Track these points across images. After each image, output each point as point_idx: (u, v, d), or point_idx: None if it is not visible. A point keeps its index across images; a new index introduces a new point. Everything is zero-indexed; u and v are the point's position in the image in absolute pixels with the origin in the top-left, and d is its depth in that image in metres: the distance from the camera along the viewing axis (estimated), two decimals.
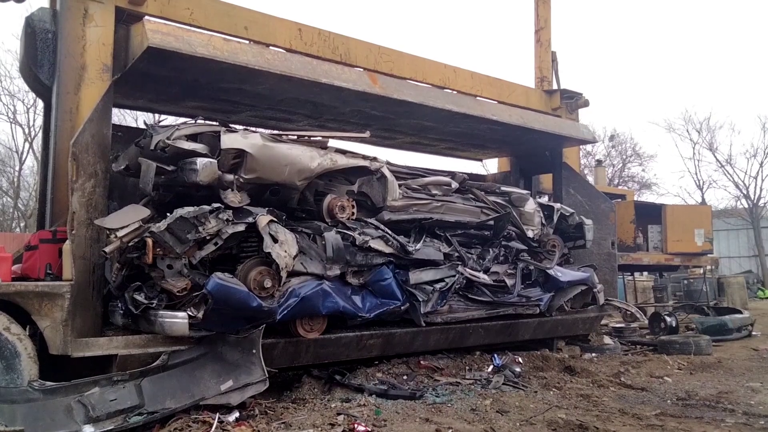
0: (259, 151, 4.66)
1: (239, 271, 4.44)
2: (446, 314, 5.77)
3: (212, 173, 4.43)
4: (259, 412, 4.26)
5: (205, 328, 4.24)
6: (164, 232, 4.10)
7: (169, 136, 4.45)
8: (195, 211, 4.21)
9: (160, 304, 4.20)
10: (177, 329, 4.13)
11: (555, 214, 7.33)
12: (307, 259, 4.84)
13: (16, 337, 3.84)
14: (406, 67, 6.62)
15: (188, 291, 4.21)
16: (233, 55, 4.76)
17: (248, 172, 4.64)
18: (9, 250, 4.40)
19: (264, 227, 4.46)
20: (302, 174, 4.98)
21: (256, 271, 4.44)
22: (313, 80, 5.22)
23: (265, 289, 4.43)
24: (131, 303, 4.23)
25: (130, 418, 3.84)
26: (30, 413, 3.63)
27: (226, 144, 4.53)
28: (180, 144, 4.47)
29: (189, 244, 4.20)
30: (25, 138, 20.73)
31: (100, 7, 4.71)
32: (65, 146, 4.41)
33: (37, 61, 4.74)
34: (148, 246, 4.11)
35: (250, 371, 4.30)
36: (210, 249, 4.33)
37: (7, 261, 4.12)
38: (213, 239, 4.31)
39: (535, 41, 9.06)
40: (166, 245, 4.13)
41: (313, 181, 5.16)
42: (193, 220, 4.18)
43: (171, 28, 4.67)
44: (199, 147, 4.55)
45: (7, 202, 22.67)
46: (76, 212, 4.19)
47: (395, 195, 5.70)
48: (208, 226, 4.24)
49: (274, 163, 4.76)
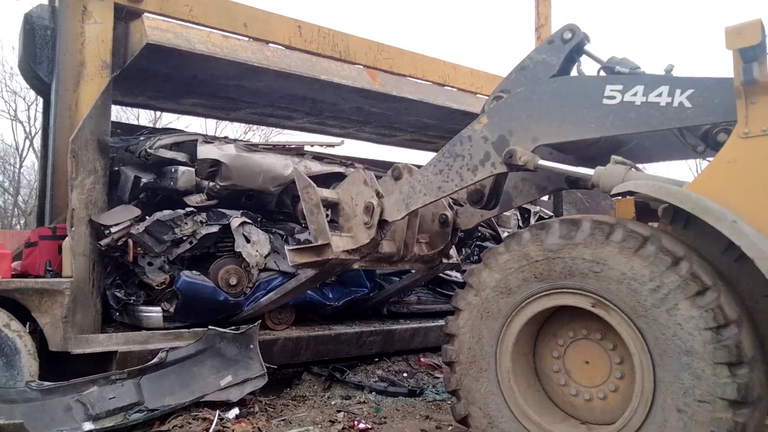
0: (232, 160, 5.05)
1: (211, 269, 4.82)
2: (414, 305, 6.04)
3: (190, 180, 4.87)
4: (259, 409, 4.27)
5: (178, 320, 4.57)
6: (143, 234, 4.47)
7: (152, 146, 4.82)
8: (171, 215, 4.65)
9: (138, 301, 4.54)
10: (153, 322, 4.50)
11: (533, 217, 7.45)
12: (280, 257, 5.10)
13: (16, 333, 3.84)
14: (405, 64, 6.60)
15: (167, 285, 4.56)
16: (232, 52, 4.76)
17: (223, 180, 5.06)
18: (9, 247, 4.41)
19: (237, 228, 4.90)
20: (276, 181, 5.32)
21: (224, 270, 4.83)
22: (313, 77, 5.23)
23: (232, 286, 4.78)
24: (112, 299, 4.53)
25: (129, 416, 3.85)
26: (29, 413, 3.62)
27: (202, 154, 4.94)
28: (161, 153, 4.86)
29: (167, 244, 4.59)
30: (26, 135, 20.73)
31: (99, 4, 4.69)
32: (64, 143, 4.40)
33: (36, 58, 4.75)
34: (129, 245, 4.46)
35: (248, 366, 4.32)
36: (185, 248, 4.72)
37: (7, 258, 4.12)
38: (188, 239, 4.71)
39: (536, 38, 9.04)
40: (145, 245, 4.50)
41: (289, 185, 5.43)
42: (169, 222, 4.62)
43: (170, 24, 4.66)
44: (179, 155, 4.94)
45: (7, 200, 22.68)
46: (75, 209, 4.19)
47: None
48: (184, 228, 4.68)
49: (247, 171, 5.15)
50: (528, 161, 3.20)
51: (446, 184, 3.45)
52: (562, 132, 3.16)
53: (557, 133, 3.18)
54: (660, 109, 2.93)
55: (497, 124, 3.33)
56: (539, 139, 3.23)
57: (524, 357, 3.15)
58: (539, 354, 3.17)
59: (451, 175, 3.45)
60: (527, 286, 2.99)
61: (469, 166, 3.38)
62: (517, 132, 3.26)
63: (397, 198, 3.71)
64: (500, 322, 3.08)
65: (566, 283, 2.85)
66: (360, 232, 3.92)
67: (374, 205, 3.77)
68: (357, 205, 3.97)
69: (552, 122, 3.18)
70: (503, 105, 3.38)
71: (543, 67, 3.46)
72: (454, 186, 3.43)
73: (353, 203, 4.01)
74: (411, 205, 3.64)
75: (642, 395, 2.60)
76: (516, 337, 3.06)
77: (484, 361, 3.14)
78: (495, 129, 3.33)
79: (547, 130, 3.20)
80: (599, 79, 3.20)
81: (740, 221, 2.47)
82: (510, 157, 3.21)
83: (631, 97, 2.99)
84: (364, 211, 3.88)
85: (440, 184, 3.48)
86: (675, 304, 2.51)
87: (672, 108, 2.89)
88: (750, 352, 2.43)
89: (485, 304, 3.15)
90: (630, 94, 2.99)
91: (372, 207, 3.80)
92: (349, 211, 4.04)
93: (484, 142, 3.35)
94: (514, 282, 3.04)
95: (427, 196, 3.55)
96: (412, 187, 3.63)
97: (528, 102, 3.27)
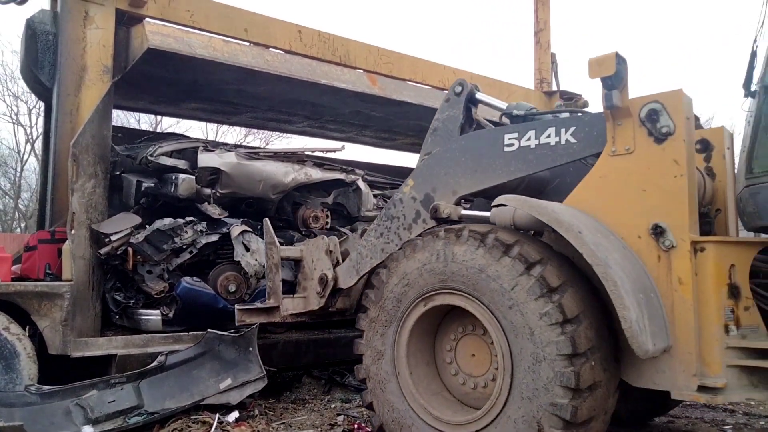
0: (233, 168, 5.10)
1: (210, 276, 4.86)
2: None
3: (190, 188, 4.90)
4: (258, 413, 4.27)
5: (176, 325, 4.59)
6: (143, 243, 4.49)
7: (152, 153, 4.85)
8: (171, 224, 4.66)
9: (137, 304, 4.57)
10: (152, 325, 4.54)
11: None
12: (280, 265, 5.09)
13: (15, 337, 3.85)
14: (405, 68, 6.63)
15: (165, 293, 4.59)
16: (233, 57, 4.78)
17: (224, 187, 5.12)
18: (9, 251, 4.42)
19: (236, 237, 4.92)
20: (276, 188, 5.37)
21: (224, 277, 4.89)
22: (313, 81, 5.26)
23: (231, 293, 4.85)
24: (111, 302, 4.55)
25: (129, 419, 3.85)
26: (28, 416, 3.63)
27: (202, 162, 4.99)
28: (162, 160, 4.90)
29: (166, 252, 4.62)
30: (27, 139, 20.79)
31: (100, 9, 4.72)
32: (65, 147, 4.42)
33: (37, 63, 4.76)
34: (129, 254, 4.47)
35: (248, 369, 4.32)
36: (186, 257, 4.76)
37: (6, 261, 4.13)
38: (188, 248, 4.74)
39: (535, 43, 9.07)
40: (145, 254, 4.53)
41: (290, 192, 5.50)
42: (169, 231, 4.64)
43: (171, 29, 4.69)
44: (180, 163, 4.99)
45: (8, 203, 22.72)
46: (75, 213, 4.21)
47: (369, 206, 5.99)
48: (183, 237, 4.71)
49: (248, 179, 5.20)
50: (451, 213, 3.51)
51: (388, 245, 3.74)
52: (476, 182, 3.54)
53: (472, 184, 3.56)
54: (551, 148, 3.30)
55: (422, 184, 3.74)
56: (458, 191, 3.60)
57: (421, 351, 3.42)
58: (438, 348, 3.49)
59: (390, 236, 3.76)
60: (424, 286, 3.29)
61: (404, 226, 3.72)
62: (439, 188, 3.66)
63: (348, 266, 3.98)
64: (398, 318, 3.38)
65: (449, 285, 3.18)
66: (313, 297, 4.11)
67: (328, 279, 3.99)
68: (315, 269, 4.12)
69: (466, 175, 3.58)
70: (424, 166, 3.80)
71: (450, 121, 3.83)
72: (395, 246, 3.69)
73: (312, 266, 4.16)
74: (360, 270, 3.89)
75: (502, 387, 2.91)
76: (409, 333, 3.35)
77: (392, 321, 3.43)
78: (420, 189, 3.73)
79: (463, 183, 3.59)
80: (498, 131, 3.58)
81: (585, 232, 2.77)
82: (435, 212, 3.53)
83: (526, 141, 3.39)
84: (318, 281, 4.05)
85: (383, 246, 3.77)
86: (526, 302, 2.82)
87: (561, 146, 3.28)
88: (587, 344, 2.74)
89: (387, 302, 3.46)
90: (525, 139, 3.40)
91: (326, 279, 3.99)
92: (308, 272, 4.19)
93: (413, 202, 3.74)
94: (412, 279, 3.36)
95: (373, 259, 3.80)
96: (359, 253, 3.90)
97: (443, 160, 3.69)
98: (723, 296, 2.84)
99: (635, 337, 2.59)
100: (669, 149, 2.88)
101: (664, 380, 2.84)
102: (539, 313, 2.77)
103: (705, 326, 2.81)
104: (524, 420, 2.78)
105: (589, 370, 2.73)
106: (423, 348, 3.42)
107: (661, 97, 2.95)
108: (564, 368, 2.68)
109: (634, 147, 2.98)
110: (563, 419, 2.67)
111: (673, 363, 2.82)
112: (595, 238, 2.80)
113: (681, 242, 2.82)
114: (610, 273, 2.65)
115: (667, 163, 2.89)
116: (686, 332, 2.79)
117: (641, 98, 3.01)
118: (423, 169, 3.79)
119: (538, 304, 2.78)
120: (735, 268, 2.90)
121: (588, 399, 2.74)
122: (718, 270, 2.84)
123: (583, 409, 2.71)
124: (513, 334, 2.87)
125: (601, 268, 2.67)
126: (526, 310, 2.82)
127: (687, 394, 2.78)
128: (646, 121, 2.95)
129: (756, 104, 3.15)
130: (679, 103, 2.91)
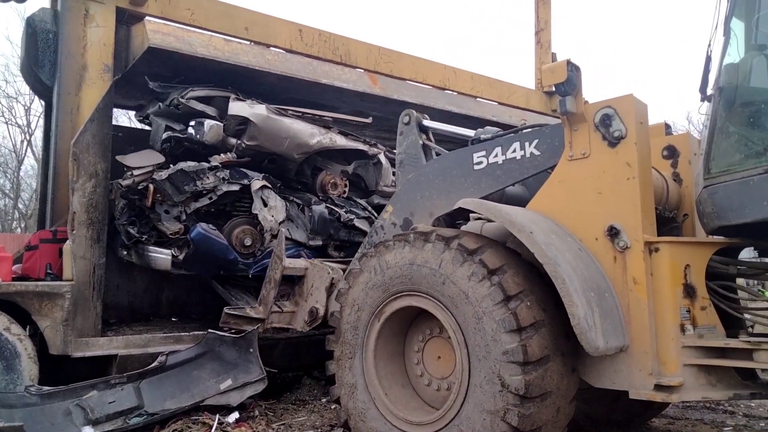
0: (262, 121, 4.98)
1: (226, 227, 4.82)
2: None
3: (217, 135, 4.83)
4: (258, 413, 4.26)
5: (184, 268, 4.63)
6: (165, 181, 4.48)
7: (183, 95, 4.77)
8: (195, 166, 4.61)
9: (149, 240, 4.57)
10: (160, 264, 4.57)
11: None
12: (294, 226, 5.13)
13: (16, 337, 3.84)
14: (406, 68, 6.62)
15: (180, 235, 4.59)
16: (234, 56, 4.77)
17: (250, 139, 5.00)
18: (9, 251, 4.40)
19: (256, 191, 4.87)
20: (301, 148, 5.28)
21: (240, 229, 4.86)
22: (314, 81, 5.26)
23: (246, 247, 4.80)
24: (124, 234, 4.55)
25: (129, 420, 3.84)
26: (29, 417, 3.62)
27: (232, 111, 4.88)
28: (192, 104, 4.82)
29: (186, 194, 4.59)
30: (23, 139, 20.75)
31: (101, 8, 4.71)
32: (66, 146, 4.41)
33: (38, 62, 4.75)
34: (149, 191, 4.47)
35: (248, 370, 4.31)
36: (204, 202, 4.72)
37: (7, 261, 4.12)
38: (208, 194, 4.70)
39: (536, 42, 9.06)
40: (165, 193, 4.51)
41: (312, 156, 5.44)
42: (192, 174, 4.60)
43: (172, 28, 4.68)
44: (209, 109, 4.91)
45: (7, 203, 22.70)
46: (76, 212, 4.20)
47: (388, 181, 5.91)
48: (205, 182, 4.66)
49: (275, 134, 5.09)
50: None
51: None
52: (450, 202, 3.58)
53: (447, 204, 3.63)
54: (518, 162, 3.41)
55: (400, 210, 3.88)
56: (435, 213, 3.70)
57: (393, 374, 3.41)
58: (407, 350, 3.49)
59: None
60: (372, 303, 3.34)
61: None
62: (417, 211, 3.78)
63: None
64: (368, 313, 3.37)
65: (393, 291, 3.24)
66: (300, 319, 4.18)
67: (318, 314, 4.08)
68: (311, 295, 4.15)
69: (441, 196, 3.69)
70: (401, 191, 3.93)
71: (411, 148, 3.96)
72: None
73: (309, 291, 4.19)
74: None
75: (460, 387, 2.93)
76: (374, 355, 3.36)
77: (355, 351, 3.45)
78: (399, 214, 3.88)
79: (438, 204, 3.69)
80: (466, 151, 3.67)
81: (537, 232, 2.83)
82: None
83: (494, 158, 3.51)
84: (308, 312, 4.12)
85: None
86: (486, 310, 2.83)
87: (526, 159, 3.39)
88: (541, 352, 2.75)
89: (347, 334, 3.48)
90: (492, 156, 3.52)
91: (315, 314, 4.07)
92: (305, 291, 4.22)
93: (394, 227, 3.87)
94: (361, 301, 3.43)
95: None
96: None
97: (418, 184, 3.81)
98: (678, 296, 2.88)
99: (584, 334, 2.61)
100: (622, 152, 2.97)
101: (621, 379, 2.87)
102: (496, 320, 2.77)
103: (661, 326, 2.84)
104: (487, 380, 2.80)
105: (538, 379, 2.72)
106: (395, 370, 3.41)
107: (614, 103, 3.03)
108: (516, 376, 2.69)
109: (590, 151, 3.07)
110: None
111: (630, 362, 2.85)
112: (548, 238, 2.84)
113: (635, 243, 2.87)
114: (558, 270, 2.69)
115: (620, 166, 2.96)
116: (642, 332, 2.83)
117: (595, 104, 3.10)
118: (400, 195, 3.91)
119: (497, 313, 2.78)
120: (690, 269, 2.93)
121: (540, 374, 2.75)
122: (673, 270, 2.88)
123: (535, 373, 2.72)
124: (469, 336, 2.92)
125: (551, 267, 2.70)
126: (483, 318, 2.83)
127: (644, 392, 2.80)
128: (600, 125, 3.06)
129: (711, 107, 3.17)
130: (631, 108, 2.99)
